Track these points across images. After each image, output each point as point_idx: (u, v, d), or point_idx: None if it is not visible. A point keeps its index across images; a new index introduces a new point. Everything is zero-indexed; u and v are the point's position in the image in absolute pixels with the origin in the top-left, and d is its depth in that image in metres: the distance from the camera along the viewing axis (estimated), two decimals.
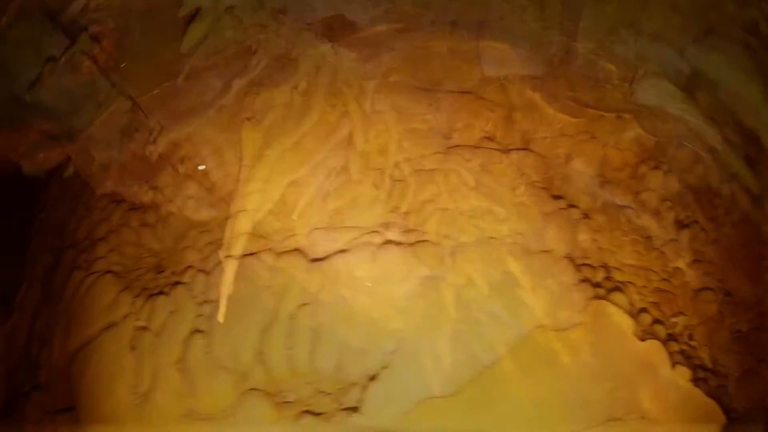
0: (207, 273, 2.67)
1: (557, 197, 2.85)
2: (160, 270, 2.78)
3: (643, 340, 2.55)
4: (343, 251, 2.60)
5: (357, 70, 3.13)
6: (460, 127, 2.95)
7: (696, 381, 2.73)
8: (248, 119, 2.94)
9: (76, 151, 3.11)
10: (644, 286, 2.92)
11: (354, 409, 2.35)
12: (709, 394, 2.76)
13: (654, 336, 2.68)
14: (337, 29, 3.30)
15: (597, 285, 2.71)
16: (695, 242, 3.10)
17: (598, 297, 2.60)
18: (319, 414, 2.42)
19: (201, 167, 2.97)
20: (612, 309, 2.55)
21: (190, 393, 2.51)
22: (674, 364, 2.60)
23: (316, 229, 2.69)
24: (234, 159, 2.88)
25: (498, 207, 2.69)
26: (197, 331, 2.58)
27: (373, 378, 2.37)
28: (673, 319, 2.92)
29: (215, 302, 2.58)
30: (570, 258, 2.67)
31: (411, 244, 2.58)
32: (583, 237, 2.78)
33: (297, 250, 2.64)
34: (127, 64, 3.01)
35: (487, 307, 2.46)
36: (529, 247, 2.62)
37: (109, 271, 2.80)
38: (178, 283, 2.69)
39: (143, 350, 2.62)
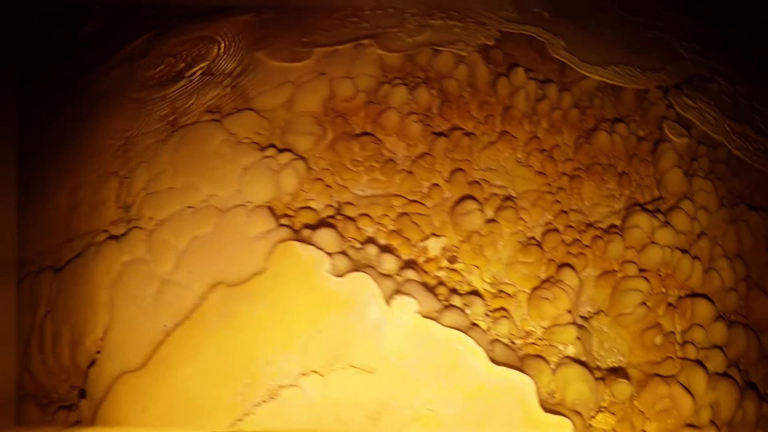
0: None
1: (267, 148, 2.68)
2: None
3: (342, 276, 2.23)
4: (76, 256, 2.77)
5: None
6: (182, 110, 2.97)
7: (441, 312, 2.30)
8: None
9: None
10: (384, 215, 2.58)
11: (83, 394, 2.48)
12: (468, 325, 2.31)
13: (374, 269, 2.34)
14: None
15: (306, 227, 2.47)
16: (456, 151, 2.67)
17: (296, 240, 2.36)
18: (69, 406, 2.61)
19: None
20: (300, 249, 2.29)
21: None
22: (393, 295, 2.23)
23: (64, 242, 2.91)
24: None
25: (196, 177, 2.64)
26: None
27: (92, 364, 2.48)
28: (422, 244, 2.52)
29: None
30: (270, 207, 2.49)
31: (124, 234, 2.66)
32: (294, 180, 2.57)
33: (49, 266, 2.88)
34: None
35: (174, 278, 2.42)
36: (222, 206, 2.52)
37: None
38: None
39: None
